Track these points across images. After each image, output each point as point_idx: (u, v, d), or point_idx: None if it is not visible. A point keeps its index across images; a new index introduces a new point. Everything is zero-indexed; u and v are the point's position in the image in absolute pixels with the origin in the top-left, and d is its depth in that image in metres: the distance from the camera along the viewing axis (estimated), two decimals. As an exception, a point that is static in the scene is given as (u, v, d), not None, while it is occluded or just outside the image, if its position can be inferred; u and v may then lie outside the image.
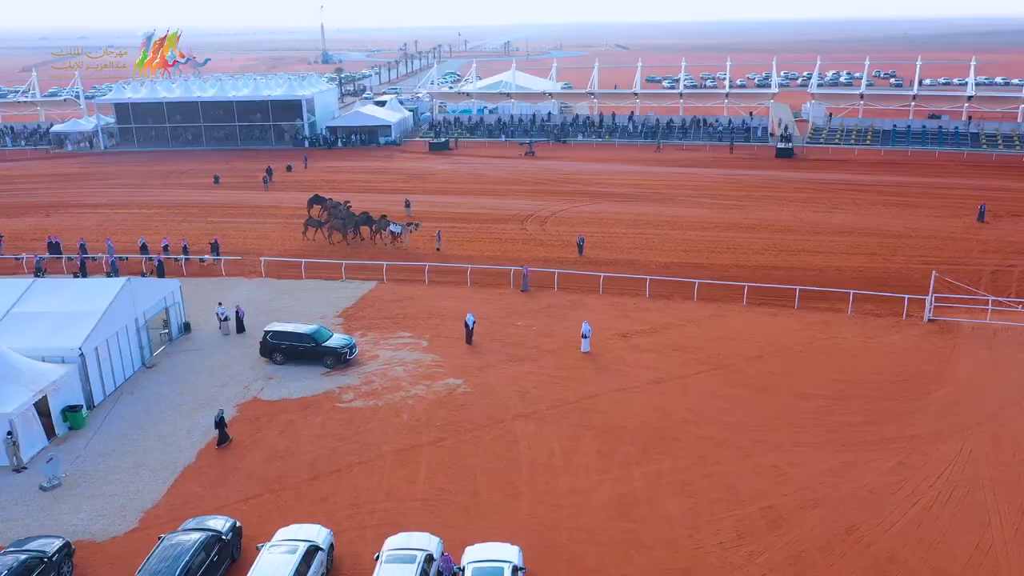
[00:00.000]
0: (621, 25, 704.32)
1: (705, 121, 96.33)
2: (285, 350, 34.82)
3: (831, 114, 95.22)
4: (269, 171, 76.89)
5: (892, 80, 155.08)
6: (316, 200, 60.79)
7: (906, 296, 39.52)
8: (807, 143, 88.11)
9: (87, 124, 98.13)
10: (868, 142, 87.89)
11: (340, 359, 34.44)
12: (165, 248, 50.98)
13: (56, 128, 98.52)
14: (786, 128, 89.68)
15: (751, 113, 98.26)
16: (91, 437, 29.24)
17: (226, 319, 38.57)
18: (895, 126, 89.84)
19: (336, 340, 35.05)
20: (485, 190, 69.68)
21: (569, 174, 75.78)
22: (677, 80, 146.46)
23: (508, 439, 28.50)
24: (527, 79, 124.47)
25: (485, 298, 42.97)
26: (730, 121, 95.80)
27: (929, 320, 38.47)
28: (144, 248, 50.89)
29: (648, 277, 43.30)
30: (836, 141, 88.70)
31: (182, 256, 49.84)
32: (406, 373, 34.01)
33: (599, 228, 56.15)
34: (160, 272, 47.16)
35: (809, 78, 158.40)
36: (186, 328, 38.97)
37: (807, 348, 35.84)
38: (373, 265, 47.18)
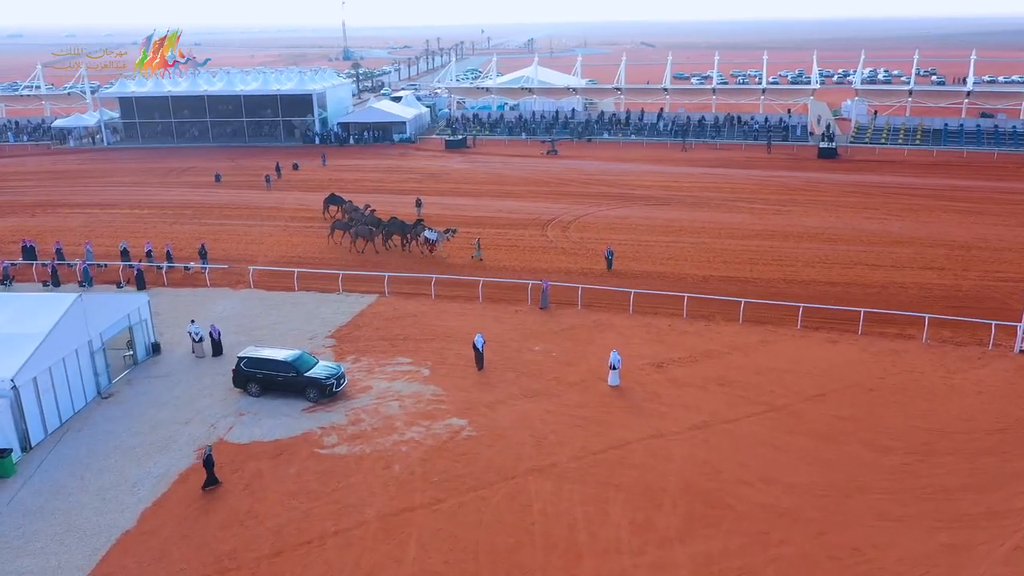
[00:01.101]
0: (646, 23, 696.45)
1: (739, 119, 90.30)
2: (261, 380, 29.77)
3: (876, 112, 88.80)
4: (278, 168, 72.67)
5: (934, 77, 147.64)
6: (332, 200, 56.32)
7: (993, 322, 33.63)
8: (850, 143, 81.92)
9: (90, 119, 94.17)
10: (917, 142, 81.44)
11: (325, 392, 29.32)
12: (148, 254, 46.24)
13: (58, 123, 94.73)
14: (828, 127, 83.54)
15: (789, 111, 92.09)
16: (19, 489, 24.36)
17: (200, 340, 33.61)
18: (946, 125, 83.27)
19: (321, 369, 29.92)
20: (503, 191, 64.45)
21: (594, 175, 70.33)
22: (707, 76, 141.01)
23: (520, 502, 23.20)
24: (550, 75, 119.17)
25: (498, 316, 37.72)
26: (766, 119, 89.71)
27: (1021, 351, 32.61)
28: (125, 254, 46.22)
29: (685, 295, 37.74)
30: (882, 141, 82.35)
31: (165, 263, 45.03)
32: (402, 410, 28.81)
33: (627, 235, 50.67)
34: (140, 281, 42.42)
35: (845, 75, 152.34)
36: (155, 349, 34.06)
37: (878, 385, 30.15)
38: (374, 276, 42.08)
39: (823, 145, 77.88)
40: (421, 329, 36.23)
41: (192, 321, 34.35)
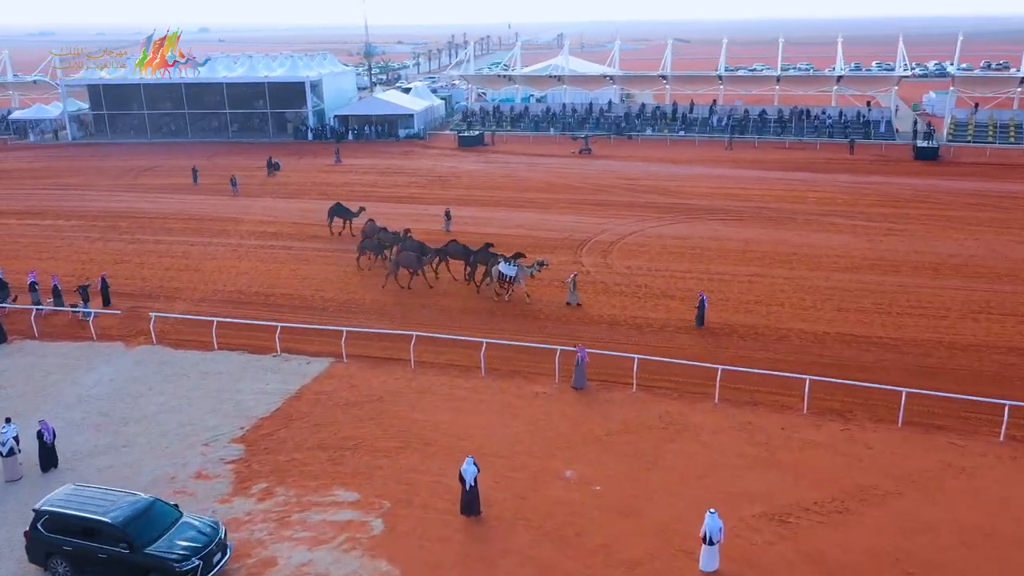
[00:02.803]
0: (679, 22, 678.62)
1: (808, 113, 75.87)
2: (72, 556, 16.57)
3: (977, 105, 73.85)
4: (270, 164, 61.29)
5: (1012, 70, 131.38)
6: (338, 211, 43.20)
7: None
8: (949, 141, 67.26)
9: (54, 110, 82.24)
10: (1034, 141, 66.66)
11: (181, 583, 16.04)
12: (32, 286, 33.38)
13: (16, 115, 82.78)
14: (928, 124, 69.06)
15: (868, 104, 77.50)
16: None
17: (9, 454, 20.56)
18: (1067, 120, 68.29)
19: (180, 536, 16.57)
20: (524, 200, 50.94)
21: (638, 179, 56.56)
22: (753, 69, 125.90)
23: None
24: (583, 64, 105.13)
25: (509, 403, 24.27)
26: (841, 113, 75.17)
27: None
28: (2, 286, 33.50)
29: (808, 377, 23.84)
30: (988, 139, 67.59)
31: (48, 302, 32.20)
32: (318, 626, 15.49)
33: (692, 264, 36.95)
34: (-1, 331, 29.65)
35: (909, 68, 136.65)
36: (-52, 464, 21.02)
37: None
38: (331, 330, 28.80)
39: (921, 144, 63.42)
40: (385, 427, 22.85)
41: (8, 420, 21.19)
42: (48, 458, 20.98)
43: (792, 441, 21.75)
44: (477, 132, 74.66)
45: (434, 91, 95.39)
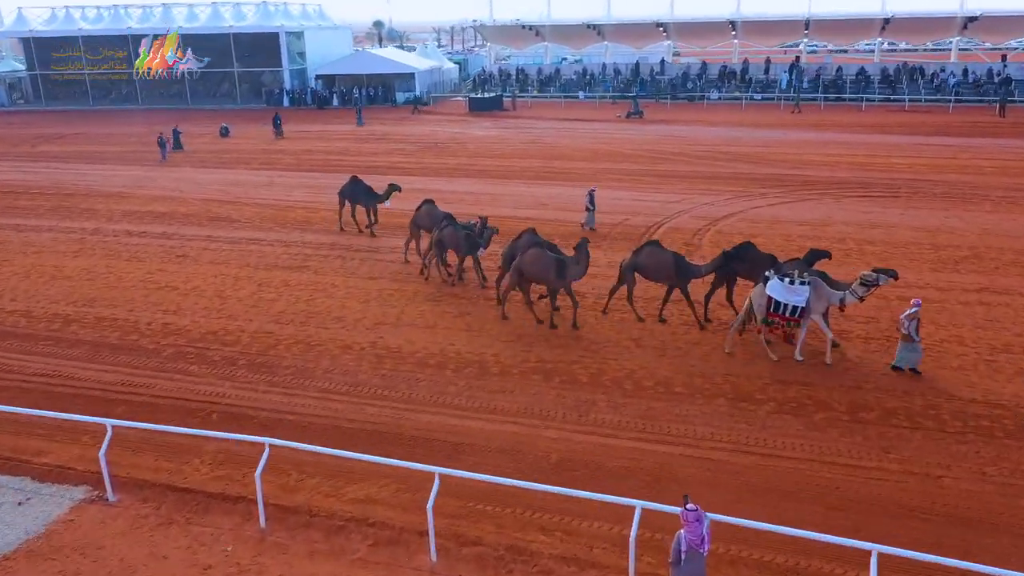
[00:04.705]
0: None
1: (922, 71, 58.71)
2: None
3: None
4: (276, 122, 47.17)
5: None
6: (354, 193, 25.51)
7: None
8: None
9: (-19, 72, 68.01)
10: None
11: None
12: None
13: (-69, 78, 68.63)
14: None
15: (1004, 58, 60.08)
16: None
17: None
18: None
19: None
20: (554, 171, 34.72)
21: (716, 145, 40.13)
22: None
23: None
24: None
25: None
26: (966, 70, 57.84)
27: None
28: None
29: None
30: None
31: None
32: None
33: (856, 269, 20.48)
34: None
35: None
36: None
37: None
38: (93, 423, 12.89)
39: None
40: None
41: None
42: None
43: None
44: (493, 94, 58.71)
45: (448, 56, 79.73)
